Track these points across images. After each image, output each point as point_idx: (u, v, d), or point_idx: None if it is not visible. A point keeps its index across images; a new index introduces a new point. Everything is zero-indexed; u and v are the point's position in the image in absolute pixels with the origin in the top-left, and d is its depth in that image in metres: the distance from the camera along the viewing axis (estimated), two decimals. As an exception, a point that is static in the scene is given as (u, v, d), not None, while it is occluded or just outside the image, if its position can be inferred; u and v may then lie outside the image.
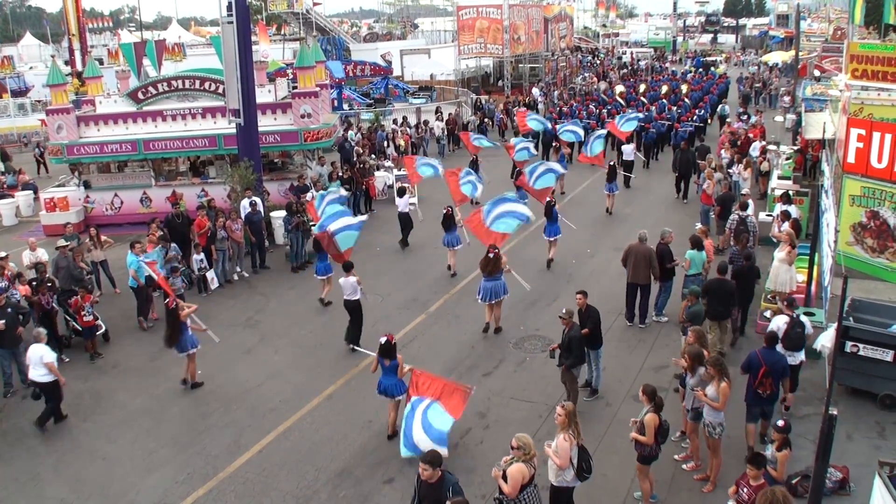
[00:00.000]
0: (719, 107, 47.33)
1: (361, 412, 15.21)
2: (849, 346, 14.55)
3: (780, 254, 18.16)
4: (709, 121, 44.42)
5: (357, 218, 19.92)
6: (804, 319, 14.73)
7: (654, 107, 43.10)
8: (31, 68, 66.87)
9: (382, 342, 14.08)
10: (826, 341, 14.92)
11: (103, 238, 22.18)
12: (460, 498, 9.48)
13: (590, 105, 46.26)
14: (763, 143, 31.41)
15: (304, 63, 29.15)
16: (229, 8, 24.07)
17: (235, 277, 23.14)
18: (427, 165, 27.25)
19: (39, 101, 53.89)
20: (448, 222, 22.79)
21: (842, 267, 14.66)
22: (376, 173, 32.09)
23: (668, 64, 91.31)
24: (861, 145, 15.62)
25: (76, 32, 61.67)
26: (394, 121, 42.59)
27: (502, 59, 60.71)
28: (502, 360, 17.22)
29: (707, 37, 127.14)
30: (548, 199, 23.55)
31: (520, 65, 63.64)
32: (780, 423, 10.96)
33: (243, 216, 23.49)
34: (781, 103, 50.62)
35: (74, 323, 18.26)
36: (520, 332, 18.57)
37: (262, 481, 13.06)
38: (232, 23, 24.03)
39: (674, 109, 42.31)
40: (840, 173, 16.98)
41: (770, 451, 10.89)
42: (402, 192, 25.99)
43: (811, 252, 17.58)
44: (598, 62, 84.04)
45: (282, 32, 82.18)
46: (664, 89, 52.32)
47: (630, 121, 34.04)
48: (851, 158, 15.84)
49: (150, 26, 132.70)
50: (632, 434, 11.62)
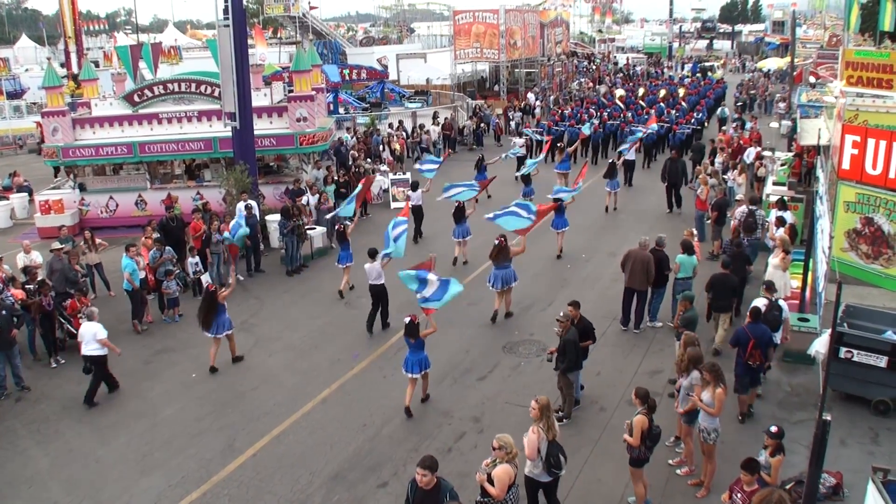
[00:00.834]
0: (719, 109, 48.53)
1: (356, 416, 15.20)
2: (843, 352, 14.59)
3: (774, 260, 18.22)
4: (706, 124, 45.12)
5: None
6: (781, 303, 15.82)
7: (654, 110, 43.84)
8: (27, 70, 66.78)
9: (406, 322, 15.06)
10: (820, 347, 14.94)
11: (98, 241, 22.17)
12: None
13: (590, 108, 46.98)
14: (758, 149, 31.46)
15: (300, 67, 29.16)
16: (226, 11, 24.12)
17: (230, 281, 23.08)
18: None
19: (35, 104, 53.87)
20: (458, 214, 23.74)
21: (836, 273, 14.67)
22: (372, 177, 32.16)
23: (665, 69, 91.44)
24: (856, 152, 15.64)
25: (72, 35, 61.72)
26: (389, 125, 42.61)
27: (498, 64, 60.76)
28: (497, 365, 17.22)
29: (703, 43, 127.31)
30: (556, 197, 24.56)
31: (516, 70, 63.64)
32: (774, 429, 10.97)
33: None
34: (777, 109, 50.70)
35: (69, 326, 18.24)
36: (514, 337, 18.58)
37: (256, 485, 13.05)
38: (228, 26, 24.07)
39: (672, 113, 43.13)
40: (835, 180, 17.01)
41: (764, 457, 10.90)
42: (416, 186, 27.15)
43: (806, 258, 17.62)
44: (594, 67, 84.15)
45: (278, 36, 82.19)
46: (662, 93, 53.26)
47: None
48: (846, 165, 15.87)
49: (147, 29, 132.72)
50: (625, 436, 11.68)
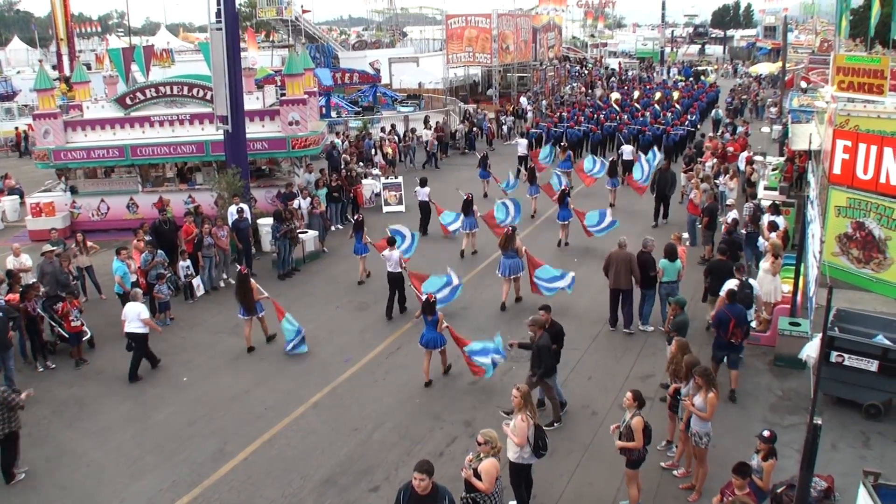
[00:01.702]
0: (713, 111, 50.37)
1: (347, 420, 15.17)
2: (834, 357, 14.65)
3: (765, 264, 18.31)
4: (698, 126, 46.03)
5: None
6: (752, 281, 17.31)
7: (649, 112, 45.42)
8: (19, 72, 66.73)
9: (425, 299, 16.58)
10: (811, 351, 14.97)
11: (89, 244, 22.12)
12: None
13: (586, 110, 48.34)
14: (749, 154, 31.54)
15: (293, 70, 29.14)
16: (218, 14, 24.07)
17: (222, 284, 23.07)
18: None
19: (26, 106, 53.77)
20: (467, 207, 25.13)
21: (827, 277, 14.71)
22: (364, 181, 32.14)
23: (656, 74, 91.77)
24: (847, 157, 15.66)
25: (64, 37, 61.63)
26: (381, 129, 42.59)
27: (491, 69, 60.82)
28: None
29: (695, 47, 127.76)
30: (562, 188, 27.03)
31: (508, 74, 63.71)
32: (766, 434, 10.98)
33: (230, 223, 23.46)
34: (768, 114, 50.91)
35: (60, 329, 18.16)
36: (505, 341, 18.55)
37: (248, 489, 13.01)
38: (221, 29, 24.03)
39: (668, 115, 44.34)
40: (826, 184, 17.04)
41: (756, 461, 10.91)
42: (424, 183, 27.77)
43: (797, 262, 17.66)
44: (587, 72, 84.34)
45: (270, 39, 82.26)
46: (657, 96, 54.70)
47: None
48: (837, 170, 15.88)
49: (139, 32, 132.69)
50: (618, 443, 11.67)
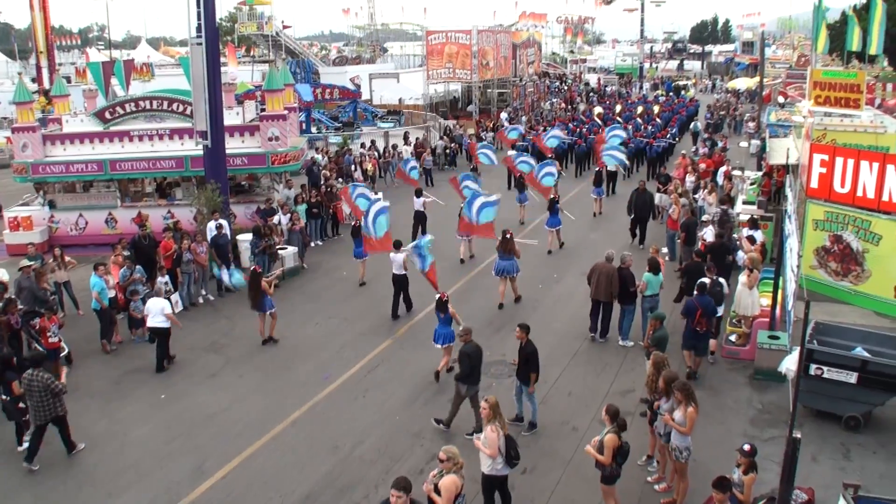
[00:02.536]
0: (692, 124, 51.97)
1: (327, 438, 15.06)
2: (813, 369, 14.67)
3: (742, 277, 18.38)
4: (678, 139, 47.62)
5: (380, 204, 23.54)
6: (721, 281, 18.50)
7: (631, 125, 46.63)
8: (-2, 84, 66.37)
9: (437, 298, 17.44)
10: (790, 364, 14.98)
11: (67, 259, 21.93)
12: None
13: (570, 124, 49.94)
14: (727, 169, 31.66)
15: (273, 86, 29.08)
16: (198, 29, 23.99)
17: (200, 300, 22.90)
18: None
19: (5, 119, 53.41)
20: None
21: (804, 291, 14.73)
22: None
23: (634, 90, 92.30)
24: (824, 170, 15.75)
25: (44, 50, 61.38)
26: (361, 144, 42.54)
27: (471, 84, 60.93)
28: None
29: (673, 63, 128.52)
30: (551, 196, 27.71)
31: (488, 90, 63.88)
32: (747, 448, 10.96)
33: (209, 238, 23.33)
34: (746, 129, 51.24)
35: (38, 345, 17.94)
36: (486, 357, 18.43)
37: (226, 507, 12.88)
38: (201, 44, 23.95)
39: (649, 128, 46.02)
40: (804, 198, 17.12)
41: (737, 475, 10.89)
42: (420, 193, 28.72)
43: (775, 276, 17.71)
44: (566, 88, 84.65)
45: (251, 54, 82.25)
46: (639, 110, 56.02)
47: (553, 138, 38.69)
48: (815, 183, 15.97)
49: (119, 45, 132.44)
50: (587, 448, 11.78)
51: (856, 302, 16.01)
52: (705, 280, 17.80)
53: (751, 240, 21.03)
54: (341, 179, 35.31)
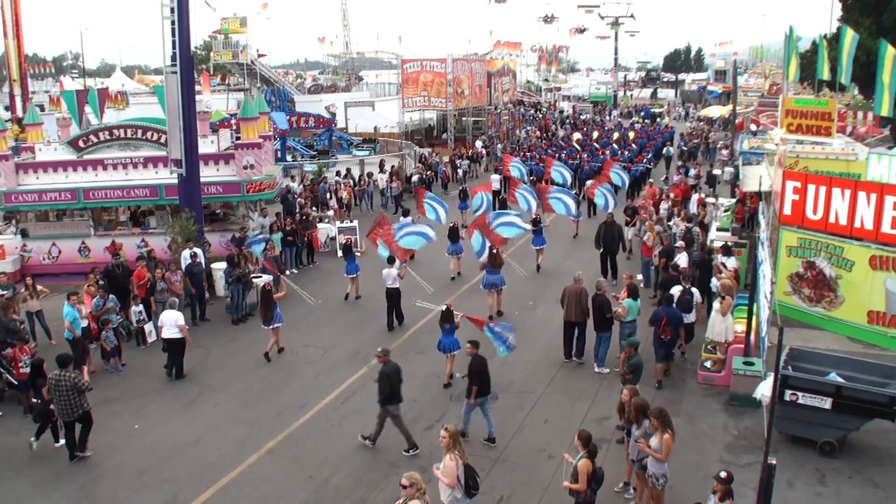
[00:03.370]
0: (664, 149, 53.76)
1: (302, 467, 14.97)
2: (788, 395, 14.75)
3: (716, 304, 18.51)
4: (653, 164, 48.92)
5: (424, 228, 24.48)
6: (693, 290, 19.93)
7: (608, 151, 48.43)
8: (-30, 114, 65.88)
9: (443, 309, 18.19)
10: (765, 390, 15.06)
11: (39, 288, 21.76)
12: None
13: (549, 150, 51.66)
14: (701, 196, 31.87)
15: (248, 114, 29.04)
16: (173, 58, 23.99)
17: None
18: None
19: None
20: (453, 234, 27.29)
21: (777, 317, 14.83)
22: (319, 225, 31.99)
23: (609, 118, 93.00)
24: (797, 197, 15.93)
25: (17, 78, 60.91)
26: (337, 173, 42.51)
27: (446, 113, 61.10)
28: (444, 413, 17.10)
29: (647, 91, 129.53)
30: (533, 217, 28.63)
31: (463, 118, 64.04)
32: (723, 475, 10.98)
33: (184, 267, 23.22)
34: (720, 156, 51.65)
35: (9, 375, 17.77)
36: (461, 386, 18.44)
37: (200, 538, 12.76)
38: (176, 73, 23.94)
39: (625, 153, 47.48)
40: (777, 225, 17.28)
41: (713, 502, 10.90)
42: (407, 213, 30.01)
43: (749, 302, 17.82)
44: (541, 116, 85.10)
45: (226, 83, 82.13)
46: (616, 136, 57.74)
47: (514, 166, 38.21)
48: (788, 210, 16.14)
49: (94, 73, 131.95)
50: (564, 482, 11.73)
51: (829, 327, 16.15)
52: (675, 291, 19.41)
53: (725, 266, 21.24)
54: (316, 208, 35.29)
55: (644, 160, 45.81)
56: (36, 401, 16.27)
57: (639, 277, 25.31)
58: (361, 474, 14.66)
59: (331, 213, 34.74)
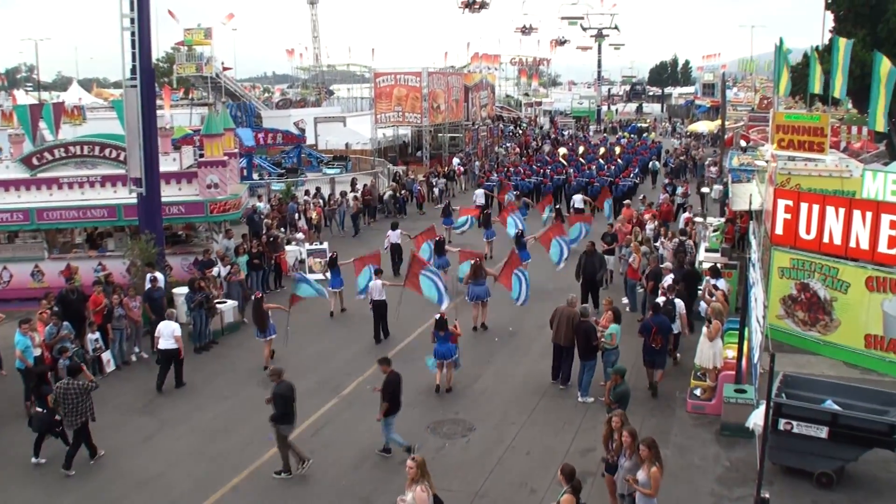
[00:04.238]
0: (650, 163, 56.21)
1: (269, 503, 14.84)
2: (782, 424, 14.74)
3: (704, 328, 18.57)
4: (640, 179, 51.22)
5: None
6: (677, 301, 20.84)
7: (594, 166, 50.13)
8: (-83, 130, 65.34)
9: (437, 318, 19.50)
10: (758, 419, 15.05)
11: (-11, 315, 21.57)
12: None
13: (534, 164, 53.61)
14: (689, 216, 31.99)
15: (212, 130, 28.96)
16: (133, 70, 23.93)
17: (133, 358, 22.60)
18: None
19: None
20: (439, 248, 29.04)
21: (769, 342, 14.85)
22: (287, 247, 31.83)
23: (592, 133, 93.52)
24: (789, 216, 15.97)
25: (-33, 92, 60.68)
26: (306, 192, 42.44)
27: (421, 128, 61.20)
28: (420, 447, 16.93)
29: (632, 106, 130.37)
30: (516, 231, 31.17)
31: (439, 134, 64.15)
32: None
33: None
34: (708, 174, 51.91)
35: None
36: (437, 416, 18.40)
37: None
38: (136, 86, 23.86)
39: (612, 167, 50.00)
40: (768, 245, 17.32)
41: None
42: (395, 226, 31.89)
43: (741, 326, 17.85)
44: (521, 132, 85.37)
45: (189, 97, 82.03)
46: (602, 151, 60.54)
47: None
48: (780, 230, 16.17)
49: (49, 86, 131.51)
50: None
51: (824, 352, 16.16)
52: (659, 300, 20.51)
53: (714, 288, 21.30)
54: (284, 228, 35.17)
55: (631, 175, 47.49)
56: (40, 410, 16.64)
57: (624, 301, 25.35)
58: (332, 511, 14.56)
59: (300, 235, 34.61)
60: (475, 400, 19.02)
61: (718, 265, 23.08)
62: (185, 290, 23.94)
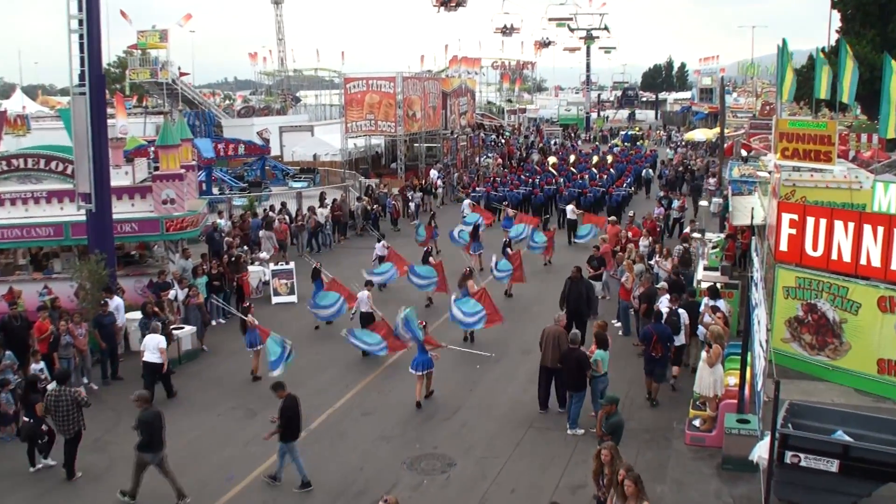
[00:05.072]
0: (643, 171, 57.59)
1: (231, 548, 14.76)
2: (789, 457, 14.68)
3: (703, 354, 18.50)
4: (633, 189, 52.66)
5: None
6: (681, 311, 21.35)
7: (586, 176, 51.63)
8: None
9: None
10: (762, 452, 15.05)
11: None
12: None
13: (523, 174, 54.90)
14: (686, 231, 32.06)
15: (168, 141, 28.87)
16: (82, 77, 23.82)
17: (82, 390, 22.39)
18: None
19: None
20: (426, 258, 30.56)
21: (774, 366, 14.86)
22: (250, 268, 31.66)
23: (581, 142, 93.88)
24: (794, 231, 16.06)
25: None
26: (271, 207, 42.32)
27: (395, 138, 61.14)
28: (395, 484, 16.91)
29: (624, 112, 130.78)
30: (504, 240, 33.50)
31: (415, 144, 64.15)
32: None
33: (92, 318, 22.87)
34: (706, 186, 52.05)
35: None
36: (415, 451, 18.31)
37: None
38: (84, 94, 23.77)
39: (604, 177, 51.51)
40: (772, 263, 17.39)
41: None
42: (381, 239, 34.63)
43: (743, 351, 17.84)
44: (503, 142, 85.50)
45: (143, 105, 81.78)
46: (594, 160, 62.39)
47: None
48: (784, 246, 16.26)
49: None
50: None
51: (834, 378, 16.23)
52: (663, 309, 21.26)
53: (713, 310, 21.29)
54: (246, 247, 35.03)
55: (624, 184, 49.13)
56: (27, 420, 17.54)
57: (616, 324, 25.35)
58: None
59: (264, 255, 34.45)
60: (456, 432, 18.92)
61: (718, 285, 23.03)
62: (139, 316, 23.79)
